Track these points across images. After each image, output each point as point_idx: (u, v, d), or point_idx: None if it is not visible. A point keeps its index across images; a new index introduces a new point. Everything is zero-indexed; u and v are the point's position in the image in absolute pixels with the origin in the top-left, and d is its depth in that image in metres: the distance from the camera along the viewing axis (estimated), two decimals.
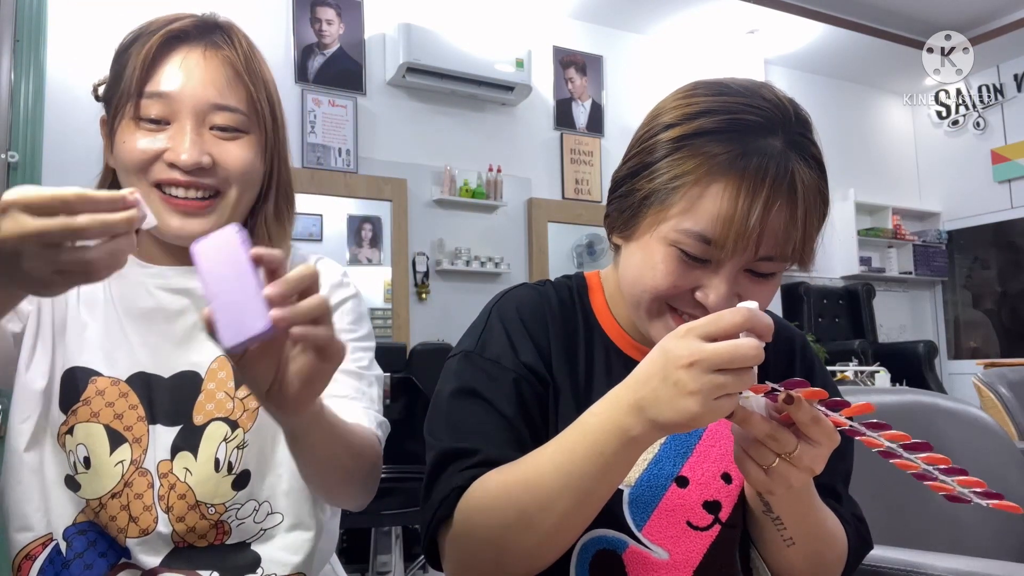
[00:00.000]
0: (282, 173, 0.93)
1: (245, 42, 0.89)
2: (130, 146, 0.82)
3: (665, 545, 0.75)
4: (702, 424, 0.58)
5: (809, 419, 0.59)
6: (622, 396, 0.62)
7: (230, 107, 0.84)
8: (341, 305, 0.95)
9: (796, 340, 0.89)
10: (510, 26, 4.69)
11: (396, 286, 4.25)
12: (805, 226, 0.68)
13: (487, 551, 0.68)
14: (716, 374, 0.55)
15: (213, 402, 0.86)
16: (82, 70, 3.51)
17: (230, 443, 0.85)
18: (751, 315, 0.57)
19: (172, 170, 0.82)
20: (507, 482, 0.67)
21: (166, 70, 0.83)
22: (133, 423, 0.84)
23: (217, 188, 0.84)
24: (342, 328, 0.93)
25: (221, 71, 0.85)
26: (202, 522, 0.84)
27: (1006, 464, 1.40)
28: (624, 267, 0.76)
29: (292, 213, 0.96)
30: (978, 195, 6.08)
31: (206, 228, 0.83)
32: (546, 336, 0.79)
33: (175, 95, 0.82)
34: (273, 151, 0.90)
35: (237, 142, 0.85)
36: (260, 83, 0.87)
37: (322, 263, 0.97)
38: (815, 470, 0.61)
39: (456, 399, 0.76)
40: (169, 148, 0.82)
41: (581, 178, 4.88)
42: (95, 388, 0.84)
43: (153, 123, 0.83)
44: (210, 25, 0.88)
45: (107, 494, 0.83)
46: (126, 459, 0.83)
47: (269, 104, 0.88)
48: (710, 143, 0.67)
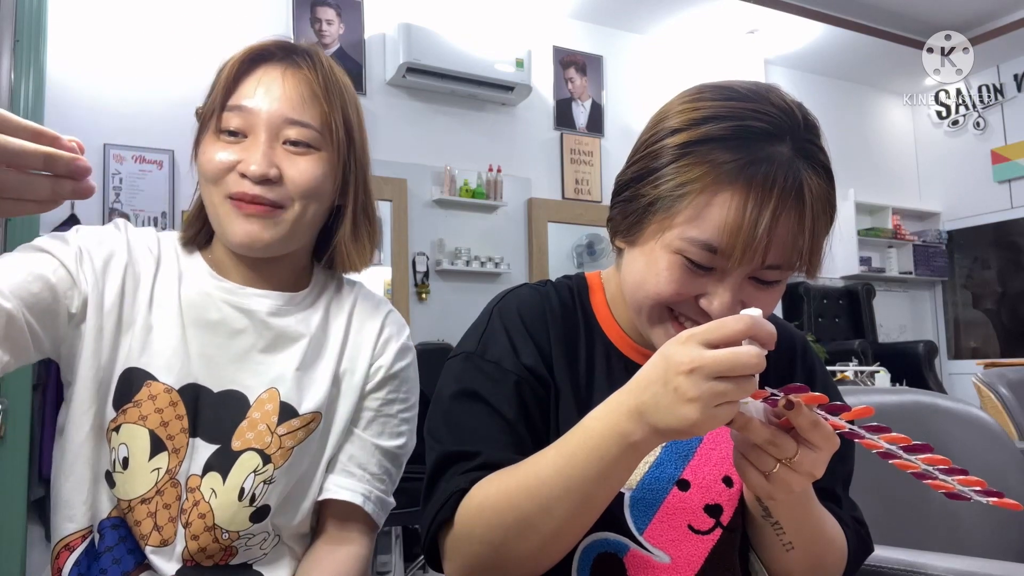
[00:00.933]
0: (359, 194, 0.94)
1: (327, 64, 0.91)
2: (208, 156, 0.86)
3: (666, 548, 0.75)
4: (701, 432, 0.57)
5: (809, 424, 0.58)
6: (623, 401, 0.61)
7: (303, 122, 0.86)
8: (403, 373, 0.97)
9: (797, 342, 0.89)
10: (510, 26, 4.69)
11: (396, 286, 4.25)
12: (813, 235, 0.67)
13: (488, 554, 0.68)
14: (716, 381, 0.55)
15: (253, 431, 0.87)
16: (82, 70, 3.51)
17: (259, 475, 0.86)
18: (753, 323, 0.56)
19: (242, 181, 0.84)
20: (508, 485, 0.67)
21: (247, 85, 0.86)
22: (176, 433, 0.85)
23: (280, 203, 0.86)
24: (396, 398, 0.96)
25: (297, 89, 0.87)
26: (214, 545, 0.85)
27: (1006, 464, 1.40)
28: (627, 271, 0.76)
29: (374, 235, 0.97)
30: (978, 195, 6.08)
31: (269, 236, 0.85)
32: (547, 337, 0.79)
33: (253, 109, 0.85)
34: (347, 171, 0.92)
35: (307, 157, 0.87)
36: (336, 103, 0.89)
37: (392, 317, 0.99)
38: (815, 475, 0.61)
39: (457, 401, 0.76)
40: (242, 160, 0.84)
41: (581, 178, 4.88)
42: (148, 392, 0.85)
43: (231, 135, 0.85)
44: (291, 48, 0.91)
45: (137, 498, 0.84)
46: (162, 467, 0.84)
47: (345, 124, 0.90)
48: (717, 150, 0.66)
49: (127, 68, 3.61)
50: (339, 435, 0.92)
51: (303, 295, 0.94)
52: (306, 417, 0.89)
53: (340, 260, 0.95)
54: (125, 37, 3.57)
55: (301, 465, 0.89)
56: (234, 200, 0.85)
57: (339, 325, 0.95)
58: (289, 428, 0.88)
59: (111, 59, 3.52)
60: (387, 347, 0.96)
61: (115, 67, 3.52)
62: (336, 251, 0.95)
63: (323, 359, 0.92)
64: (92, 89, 3.50)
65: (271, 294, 0.92)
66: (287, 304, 0.92)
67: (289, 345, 0.91)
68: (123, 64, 3.60)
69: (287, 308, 0.92)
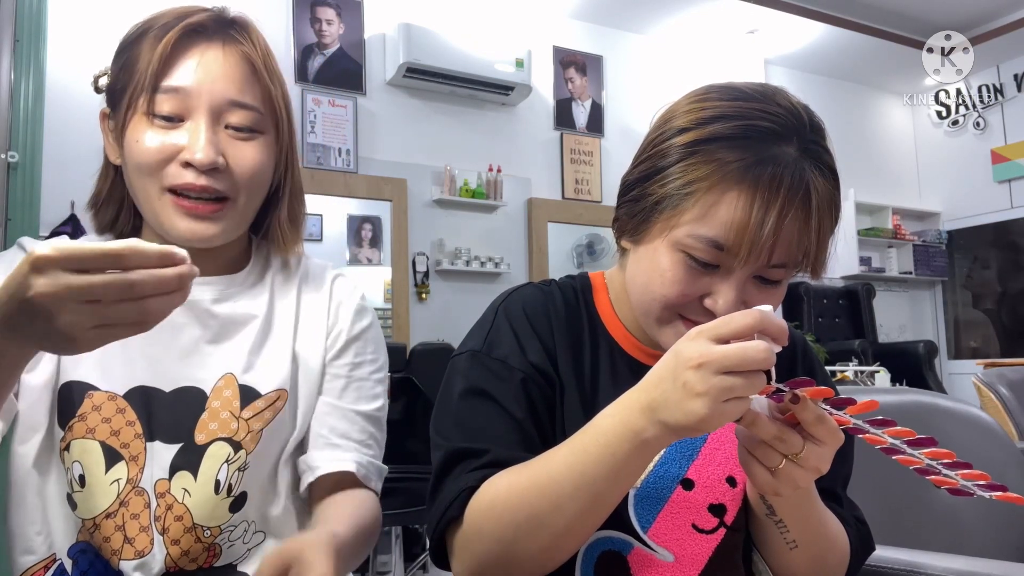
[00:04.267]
0: (294, 175, 0.91)
1: (261, 38, 0.85)
2: (143, 145, 0.79)
3: (670, 547, 0.75)
4: (710, 427, 0.57)
5: (815, 418, 0.58)
6: (635, 398, 0.61)
7: (248, 105, 0.81)
8: (365, 334, 0.93)
9: (797, 343, 0.89)
10: (510, 26, 4.69)
11: (396, 286, 4.25)
12: (819, 235, 0.68)
13: (498, 551, 0.68)
14: (725, 376, 0.55)
15: (217, 421, 0.83)
16: (82, 70, 3.50)
17: (232, 464, 0.82)
18: (763, 317, 0.56)
19: (186, 171, 0.79)
20: (519, 483, 0.67)
21: (183, 64, 0.79)
22: (130, 440, 0.80)
23: (226, 194, 0.81)
24: (363, 360, 0.92)
25: (239, 67, 0.81)
26: (196, 545, 0.81)
27: (1006, 464, 1.40)
28: (632, 272, 0.76)
29: (304, 215, 0.93)
30: (978, 195, 6.08)
31: (215, 232, 0.81)
32: (552, 335, 0.79)
33: (192, 90, 0.79)
34: (287, 152, 0.88)
35: (251, 143, 0.82)
36: (277, 81, 0.84)
37: (339, 281, 0.95)
38: (821, 470, 0.61)
39: (465, 399, 0.76)
40: (184, 147, 0.78)
41: (581, 178, 4.88)
42: (91, 403, 0.80)
43: (166, 120, 0.79)
44: (226, 20, 0.84)
45: (101, 514, 0.79)
46: (122, 478, 0.80)
47: (285, 104, 0.86)
48: (724, 149, 0.67)
49: None
50: (307, 411, 0.88)
51: (245, 274, 0.90)
52: (270, 397, 0.85)
53: (275, 241, 0.91)
54: None
55: (273, 446, 0.85)
56: (176, 196, 0.79)
57: (288, 302, 0.91)
58: (254, 411, 0.84)
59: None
60: (340, 311, 0.92)
61: None
62: (271, 231, 0.90)
63: (277, 337, 0.88)
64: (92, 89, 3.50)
65: (210, 280, 0.86)
66: (230, 287, 0.88)
67: (239, 330, 0.86)
68: None
69: (231, 291, 0.88)
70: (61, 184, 3.26)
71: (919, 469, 0.60)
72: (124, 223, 0.88)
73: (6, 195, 2.46)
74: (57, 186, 3.22)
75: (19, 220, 2.46)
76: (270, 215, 0.91)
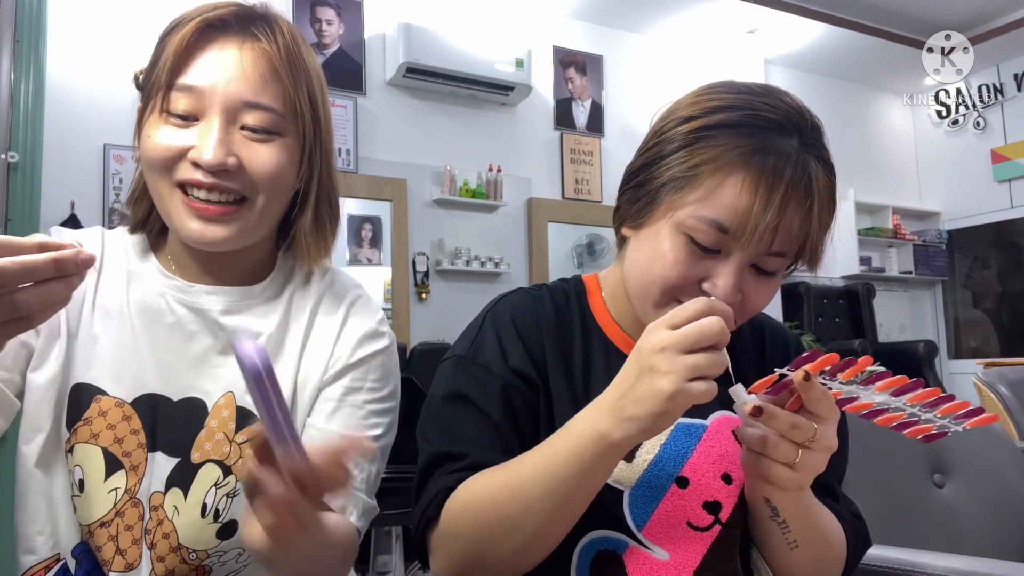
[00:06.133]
0: (323, 180, 0.85)
1: (288, 34, 0.81)
2: (154, 141, 0.77)
3: (665, 546, 0.75)
4: (677, 412, 0.59)
5: (820, 395, 0.61)
6: (603, 400, 0.64)
7: (264, 106, 0.77)
8: (369, 360, 0.86)
9: (790, 341, 0.91)
10: (510, 26, 4.69)
11: (396, 286, 4.25)
12: (818, 226, 0.70)
13: (472, 551, 0.70)
14: (688, 355, 0.58)
15: (211, 441, 0.80)
16: (82, 70, 3.51)
17: (220, 489, 0.79)
18: (711, 303, 0.61)
19: (195, 170, 0.76)
20: (493, 484, 0.69)
21: (199, 62, 0.76)
22: (133, 449, 0.78)
23: (243, 193, 0.78)
24: (361, 387, 0.85)
25: (257, 66, 0.77)
26: (182, 566, 0.78)
27: (1006, 464, 1.40)
28: (632, 259, 0.76)
29: (335, 225, 0.88)
30: (978, 195, 6.08)
31: (227, 235, 0.78)
32: (540, 341, 0.80)
33: (205, 90, 0.76)
34: (312, 156, 0.82)
35: (268, 145, 0.78)
36: (301, 81, 0.80)
37: (357, 305, 0.89)
38: (832, 447, 0.63)
39: (447, 403, 0.78)
40: (194, 146, 0.76)
41: (581, 178, 4.88)
42: (98, 408, 0.78)
43: (180, 118, 0.76)
44: (251, 15, 0.80)
45: (96, 522, 0.77)
46: (120, 487, 0.78)
47: (311, 104, 0.81)
48: (730, 135, 0.69)
49: (127, 68, 3.61)
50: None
51: (261, 288, 0.86)
52: None
53: (298, 252, 0.86)
54: (125, 37, 3.57)
55: None
56: (186, 195, 0.77)
57: (301, 323, 0.85)
58: (248, 435, 0.79)
59: (111, 59, 3.52)
60: (346, 336, 0.86)
61: (115, 67, 3.52)
62: (295, 242, 0.86)
63: (283, 360, 0.83)
64: (92, 89, 3.50)
65: (222, 290, 0.83)
66: (241, 300, 0.84)
67: None
68: (123, 64, 3.61)
69: (241, 304, 0.84)
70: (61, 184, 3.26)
71: (898, 424, 0.63)
72: (155, 221, 0.86)
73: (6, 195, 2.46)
74: (57, 186, 3.22)
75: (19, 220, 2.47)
76: (293, 223, 0.86)
